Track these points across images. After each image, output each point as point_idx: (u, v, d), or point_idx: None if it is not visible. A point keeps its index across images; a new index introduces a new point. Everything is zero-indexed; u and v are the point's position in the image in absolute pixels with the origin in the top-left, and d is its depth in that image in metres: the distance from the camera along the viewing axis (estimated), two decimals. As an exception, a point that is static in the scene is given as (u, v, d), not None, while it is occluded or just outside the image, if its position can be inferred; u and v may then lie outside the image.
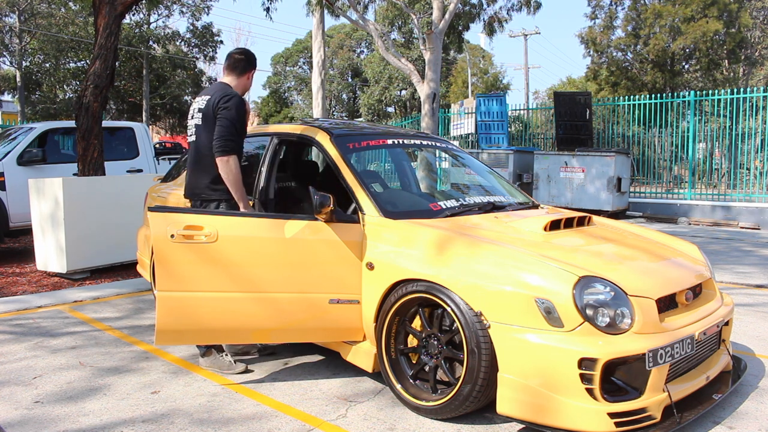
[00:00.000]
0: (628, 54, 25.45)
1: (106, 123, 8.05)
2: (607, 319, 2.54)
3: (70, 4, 26.12)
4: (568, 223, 3.42)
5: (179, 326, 3.12)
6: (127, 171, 8.30)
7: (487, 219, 3.42)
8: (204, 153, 3.45)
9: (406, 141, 4.16)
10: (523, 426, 2.74)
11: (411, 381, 3.03)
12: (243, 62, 3.58)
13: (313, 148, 4.13)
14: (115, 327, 4.48)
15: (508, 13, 14.92)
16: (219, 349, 3.56)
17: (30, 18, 26.48)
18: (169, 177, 5.25)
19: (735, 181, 12.38)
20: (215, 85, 3.58)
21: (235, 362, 3.53)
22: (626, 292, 2.61)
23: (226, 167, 3.37)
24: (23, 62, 27.08)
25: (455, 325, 2.80)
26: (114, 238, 6.28)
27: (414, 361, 3.07)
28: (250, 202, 3.92)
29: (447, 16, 12.07)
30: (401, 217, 3.25)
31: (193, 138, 3.51)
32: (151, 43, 29.28)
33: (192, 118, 3.54)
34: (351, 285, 3.19)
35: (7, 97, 31.42)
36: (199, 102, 3.50)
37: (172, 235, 3.05)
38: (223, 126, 3.35)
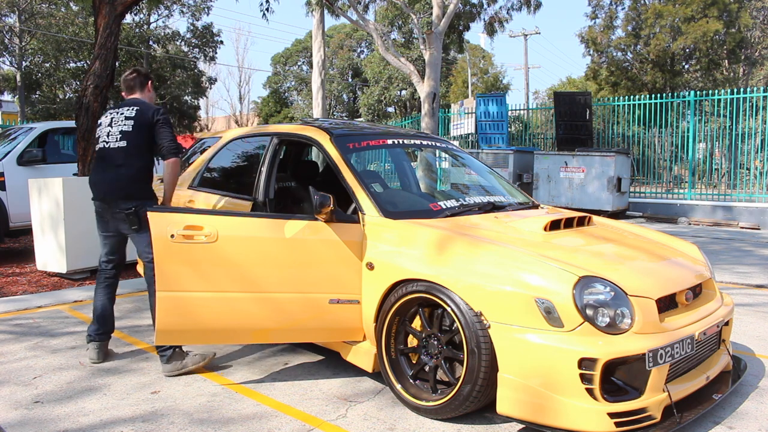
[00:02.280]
0: (628, 54, 25.44)
1: (106, 123, 8.03)
2: (607, 319, 2.54)
3: (71, 4, 26.11)
4: (568, 223, 3.42)
5: (179, 326, 3.12)
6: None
7: (487, 219, 3.42)
8: (132, 154, 3.64)
9: (406, 141, 4.16)
10: (523, 426, 2.74)
11: (411, 381, 3.03)
12: (139, 79, 3.84)
13: (313, 148, 4.13)
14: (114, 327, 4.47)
15: (508, 13, 14.92)
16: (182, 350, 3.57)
17: (30, 18, 26.46)
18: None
19: (735, 181, 12.38)
20: (133, 100, 3.79)
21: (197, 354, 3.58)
22: (626, 292, 2.61)
23: (175, 167, 3.64)
24: (23, 62, 27.07)
25: (455, 325, 2.80)
26: (114, 238, 6.27)
27: (414, 361, 3.07)
28: (249, 203, 3.94)
29: (447, 16, 12.07)
30: (401, 217, 3.25)
31: (123, 143, 3.63)
32: (151, 43, 29.27)
33: (112, 125, 3.68)
34: (351, 285, 3.19)
35: (7, 97, 31.41)
36: (124, 112, 3.69)
37: (172, 235, 3.05)
38: (170, 132, 3.65)
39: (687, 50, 23.60)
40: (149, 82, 3.89)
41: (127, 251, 6.27)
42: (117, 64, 7.97)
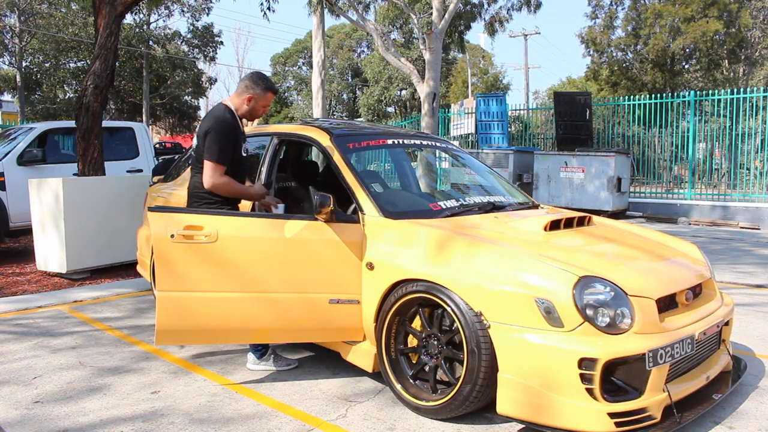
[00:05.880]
0: (628, 54, 25.45)
1: (106, 123, 8.04)
2: (607, 319, 2.54)
3: (71, 4, 26.11)
4: (568, 223, 3.42)
5: (179, 326, 3.12)
6: (127, 171, 8.30)
7: (487, 219, 3.42)
8: None
9: (406, 141, 4.15)
10: (523, 426, 2.74)
11: (411, 381, 3.03)
12: (241, 83, 3.48)
13: (313, 148, 4.13)
14: (115, 327, 4.48)
15: (508, 13, 14.90)
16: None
17: (30, 18, 26.46)
18: (169, 177, 5.24)
19: (735, 181, 12.37)
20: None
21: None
22: (626, 292, 2.61)
23: None
24: (23, 62, 27.06)
25: (455, 325, 2.80)
26: (114, 238, 6.28)
27: (414, 361, 3.07)
28: (250, 203, 3.93)
29: (447, 16, 12.07)
30: (401, 217, 3.25)
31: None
32: (151, 43, 29.27)
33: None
34: (351, 285, 3.19)
35: (7, 97, 31.41)
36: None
37: (172, 235, 3.05)
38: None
39: (687, 50, 23.61)
40: (248, 95, 3.49)
41: (128, 251, 6.30)
42: (117, 64, 7.97)
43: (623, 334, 2.54)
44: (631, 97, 13.99)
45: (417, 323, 3.05)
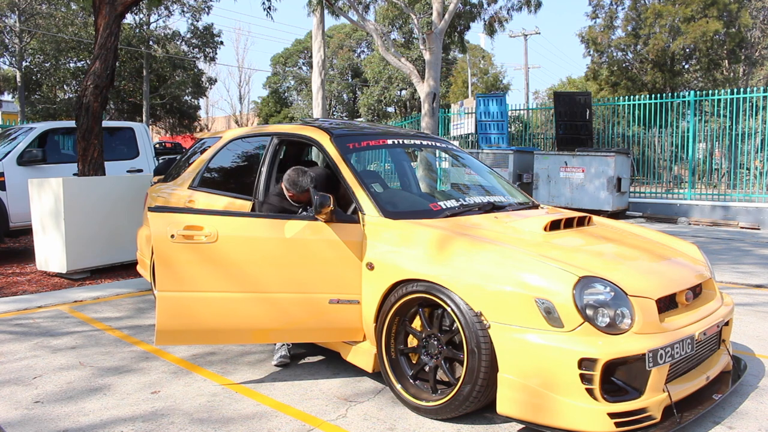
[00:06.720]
0: (628, 54, 25.45)
1: (106, 123, 8.04)
2: (607, 320, 2.54)
3: (71, 4, 26.12)
4: (568, 223, 3.42)
5: (179, 326, 3.12)
6: (127, 171, 8.30)
7: (487, 219, 3.42)
8: None
9: (406, 141, 4.16)
10: (523, 426, 2.74)
11: (411, 381, 3.03)
12: (284, 180, 3.68)
13: (313, 148, 4.14)
14: (115, 327, 4.48)
15: (508, 13, 14.92)
16: None
17: (30, 18, 26.47)
18: (169, 177, 5.25)
19: (735, 181, 12.37)
20: None
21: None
22: (626, 292, 2.61)
23: None
24: (23, 62, 27.07)
25: (455, 325, 2.80)
26: (114, 238, 6.28)
27: (414, 361, 3.07)
28: (249, 203, 3.94)
29: (447, 16, 12.07)
30: (401, 217, 3.25)
31: None
32: (151, 43, 29.28)
33: None
34: (351, 285, 3.19)
35: (7, 97, 31.42)
36: None
37: (172, 235, 3.05)
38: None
39: (687, 50, 23.61)
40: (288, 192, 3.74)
41: (128, 251, 6.31)
42: (117, 64, 7.97)
43: (623, 334, 2.54)
44: (631, 97, 13.98)
45: (417, 323, 3.05)
